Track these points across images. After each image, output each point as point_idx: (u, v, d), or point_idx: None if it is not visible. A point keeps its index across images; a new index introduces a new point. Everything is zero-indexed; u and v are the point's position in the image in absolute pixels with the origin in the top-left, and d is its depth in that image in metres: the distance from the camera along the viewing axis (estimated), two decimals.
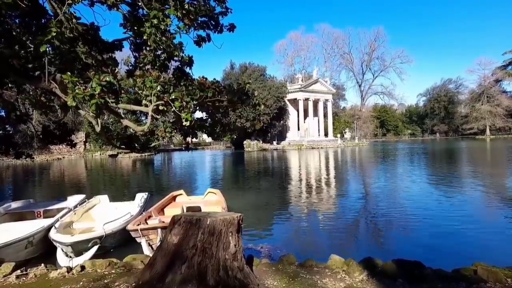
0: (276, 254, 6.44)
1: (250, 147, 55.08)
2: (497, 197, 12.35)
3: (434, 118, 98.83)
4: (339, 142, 63.14)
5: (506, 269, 4.27)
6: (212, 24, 7.06)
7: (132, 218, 7.64)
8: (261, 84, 55.51)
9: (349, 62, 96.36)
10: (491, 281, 3.97)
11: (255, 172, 24.77)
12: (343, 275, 4.28)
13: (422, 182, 16.53)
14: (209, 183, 17.99)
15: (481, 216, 9.85)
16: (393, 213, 10.07)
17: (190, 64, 6.85)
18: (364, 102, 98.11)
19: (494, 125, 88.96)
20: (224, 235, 3.64)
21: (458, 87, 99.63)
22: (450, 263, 4.95)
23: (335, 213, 10.53)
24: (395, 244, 7.59)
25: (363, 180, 19.00)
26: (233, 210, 7.50)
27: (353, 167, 27.12)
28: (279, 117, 60.67)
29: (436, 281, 3.99)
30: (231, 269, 3.51)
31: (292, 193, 14.46)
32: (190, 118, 5.65)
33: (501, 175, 18.54)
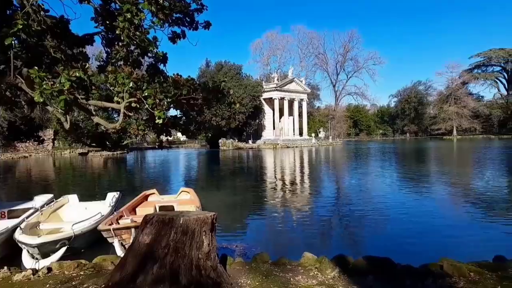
0: (251, 252, 6.45)
1: (226, 145, 54.86)
2: (463, 195, 12.89)
3: (404, 118, 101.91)
4: (313, 141, 63.95)
5: (469, 264, 4.46)
6: (187, 20, 6.96)
7: (103, 218, 7.43)
8: (237, 83, 55.37)
9: (324, 62, 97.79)
10: (455, 275, 4.13)
11: (230, 171, 24.71)
12: (315, 272, 4.33)
13: (393, 181, 17.01)
14: (183, 182, 17.80)
15: (448, 213, 10.25)
16: (365, 211, 10.31)
17: (164, 61, 6.73)
18: (338, 102, 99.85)
19: (460, 126, 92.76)
20: (198, 234, 3.60)
21: (427, 89, 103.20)
22: (419, 259, 5.10)
23: (309, 211, 10.67)
24: (367, 241, 7.78)
25: (336, 179, 19.35)
26: (207, 209, 7.45)
27: (326, 166, 27.55)
28: (254, 116, 60.76)
29: (405, 277, 4.12)
30: (204, 269, 3.48)
31: (267, 192, 14.53)
32: (164, 116, 5.56)
33: (467, 174, 19.36)
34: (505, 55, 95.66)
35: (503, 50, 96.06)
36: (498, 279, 4.11)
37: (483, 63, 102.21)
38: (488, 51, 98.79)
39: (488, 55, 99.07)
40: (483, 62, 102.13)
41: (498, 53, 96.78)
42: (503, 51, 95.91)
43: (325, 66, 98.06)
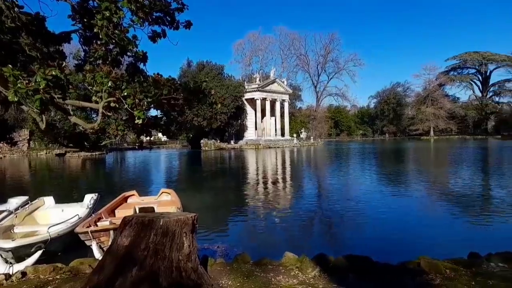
0: (232, 253, 6.43)
1: (207, 146, 54.55)
2: (439, 194, 13.25)
3: (384, 119, 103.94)
4: (295, 141, 64.39)
5: (445, 261, 4.58)
6: (168, 20, 6.88)
7: (80, 220, 7.26)
8: (219, 83, 55.16)
9: (305, 63, 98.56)
10: (432, 272, 4.24)
11: (212, 171, 24.60)
12: (296, 271, 4.36)
13: (372, 181, 17.31)
14: (164, 183, 17.59)
15: (426, 211, 10.50)
16: (346, 210, 10.45)
17: (144, 60, 6.62)
18: (319, 103, 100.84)
19: (437, 127, 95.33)
20: (178, 235, 3.56)
21: (405, 90, 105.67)
22: (397, 256, 5.21)
23: (290, 211, 10.73)
24: (347, 240, 7.89)
25: (318, 179, 19.54)
26: (188, 210, 7.39)
27: (308, 166, 27.79)
28: (236, 117, 60.66)
29: (383, 275, 4.19)
30: (184, 270, 3.44)
31: (249, 192, 14.53)
32: (143, 116, 5.47)
33: (443, 174, 19.90)
34: (479, 58, 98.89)
35: (477, 53, 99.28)
36: (472, 275, 4.24)
37: (459, 65, 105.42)
38: (463, 54, 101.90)
39: (464, 58, 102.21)
40: (458, 65, 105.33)
41: (473, 56, 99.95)
42: (478, 54, 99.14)
43: (306, 67, 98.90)
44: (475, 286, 3.93)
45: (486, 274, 4.28)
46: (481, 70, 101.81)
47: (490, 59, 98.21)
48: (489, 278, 4.13)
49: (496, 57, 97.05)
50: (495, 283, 4.00)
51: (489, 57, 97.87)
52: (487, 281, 4.05)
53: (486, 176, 18.27)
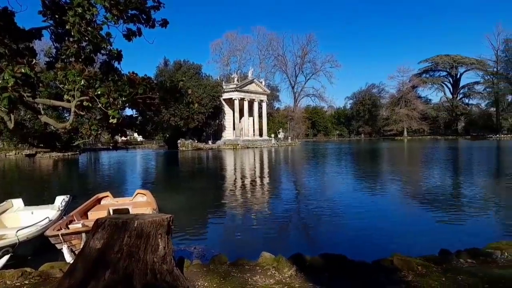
0: (209, 254, 6.38)
1: (185, 146, 54.01)
2: (412, 192, 13.63)
3: (359, 120, 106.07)
4: (273, 142, 64.71)
5: (417, 258, 4.71)
6: (144, 18, 6.75)
7: (51, 223, 7.02)
8: (196, 83, 54.70)
9: (283, 64, 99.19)
10: (405, 270, 4.35)
11: (190, 172, 24.37)
12: (273, 271, 4.37)
13: (348, 180, 17.61)
14: (139, 184, 17.28)
15: (399, 210, 10.78)
16: (323, 209, 10.57)
17: (119, 58, 6.47)
18: (297, 104, 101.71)
19: (410, 127, 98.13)
20: (153, 237, 3.50)
21: (380, 91, 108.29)
22: (372, 254, 5.31)
23: (268, 211, 10.76)
24: (324, 239, 7.98)
25: (295, 179, 19.70)
26: (165, 212, 7.28)
27: (286, 166, 27.97)
28: (214, 117, 60.36)
29: (358, 272, 4.27)
30: (159, 273, 3.39)
31: (226, 193, 14.47)
32: (118, 115, 5.36)
33: (416, 173, 20.49)
34: (450, 61, 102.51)
35: (448, 56, 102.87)
36: (443, 272, 4.38)
37: (431, 68, 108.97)
38: (435, 57, 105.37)
39: (435, 61, 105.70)
40: (430, 67, 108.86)
41: (444, 59, 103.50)
42: (449, 57, 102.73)
43: (284, 68, 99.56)
44: (445, 282, 4.05)
45: (456, 270, 4.43)
46: (452, 72, 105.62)
47: (460, 62, 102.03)
48: (458, 274, 4.28)
49: (465, 61, 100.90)
50: (464, 278, 4.15)
51: (459, 60, 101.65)
52: (456, 277, 4.19)
53: (456, 175, 18.96)
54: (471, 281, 4.06)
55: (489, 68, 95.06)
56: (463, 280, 4.09)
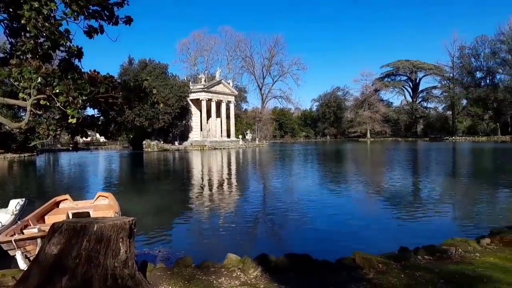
0: (174, 257, 6.26)
1: (150, 147, 52.80)
2: (374, 192, 14.09)
3: (325, 122, 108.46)
4: (240, 143, 64.72)
5: (378, 256, 4.88)
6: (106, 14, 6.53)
7: (3, 228, 6.61)
8: (163, 83, 53.66)
9: (250, 65, 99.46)
10: (366, 267, 4.48)
11: (155, 173, 23.85)
12: (238, 273, 4.36)
13: (314, 181, 17.94)
14: (101, 187, 16.70)
15: (362, 209, 11.10)
16: (289, 210, 10.69)
17: (79, 56, 6.21)
18: (265, 105, 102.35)
19: (373, 129, 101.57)
20: (114, 241, 3.39)
21: (345, 94, 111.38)
22: (336, 254, 5.43)
23: (235, 213, 10.73)
24: (290, 239, 8.06)
25: (262, 180, 19.79)
26: (129, 215, 7.06)
27: (253, 167, 28.05)
28: (181, 117, 59.47)
29: (322, 272, 4.35)
30: (120, 277, 3.28)
31: (193, 195, 14.29)
32: (77, 115, 5.15)
33: (378, 173, 21.22)
34: (410, 66, 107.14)
35: (408, 62, 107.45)
36: (402, 268, 4.55)
37: (392, 72, 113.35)
38: (396, 62, 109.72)
39: (397, 66, 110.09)
40: (392, 72, 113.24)
41: (404, 64, 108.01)
42: (409, 62, 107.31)
43: (252, 69, 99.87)
44: (404, 279, 4.22)
45: (414, 267, 4.62)
46: (412, 77, 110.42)
47: (420, 68, 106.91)
48: (416, 270, 4.47)
49: (424, 66, 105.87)
50: (421, 274, 4.34)
51: (418, 66, 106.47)
52: (414, 273, 4.37)
53: (415, 175, 19.81)
54: (428, 277, 4.25)
55: (446, 73, 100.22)
56: (421, 276, 4.27)
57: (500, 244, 5.63)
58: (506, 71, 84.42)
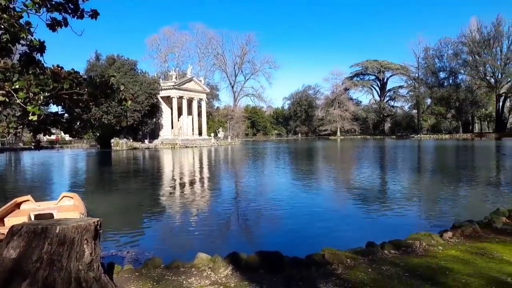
0: (143, 258, 6.12)
1: (119, 145, 51.46)
2: (344, 189, 14.41)
3: (297, 120, 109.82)
4: (212, 141, 64.33)
5: (346, 252, 4.98)
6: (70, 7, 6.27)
7: None
8: (132, 79, 52.39)
9: (222, 63, 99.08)
10: (335, 263, 4.57)
11: (124, 172, 23.25)
12: (209, 272, 4.32)
13: (285, 178, 18.10)
14: (66, 187, 16.10)
15: (332, 206, 11.30)
16: (260, 208, 10.72)
17: (41, 50, 5.92)
18: (237, 103, 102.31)
19: (343, 127, 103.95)
20: (78, 243, 3.27)
21: (316, 93, 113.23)
22: (307, 250, 5.49)
23: (207, 211, 10.65)
24: (261, 237, 8.09)
25: (234, 178, 19.76)
26: (96, 215, 6.84)
27: (225, 165, 27.95)
28: (151, 115, 58.32)
29: (292, 268, 4.39)
30: (85, 281, 3.17)
31: (163, 194, 14.05)
32: (39, 111, 4.91)
33: (347, 170, 21.72)
34: (378, 66, 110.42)
35: (376, 62, 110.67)
36: (369, 263, 4.67)
37: (361, 72, 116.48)
38: (365, 62, 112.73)
39: (365, 65, 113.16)
40: (361, 71, 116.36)
41: (372, 64, 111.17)
42: (377, 62, 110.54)
43: (223, 67, 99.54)
44: (371, 273, 4.33)
45: (381, 261, 4.76)
46: (380, 77, 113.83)
47: (387, 67, 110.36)
48: (383, 265, 4.60)
49: (391, 66, 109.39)
50: (387, 268, 4.47)
51: (386, 66, 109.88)
52: (381, 267, 4.50)
53: (383, 172, 20.43)
54: (393, 270, 4.39)
55: (412, 73, 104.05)
56: (387, 270, 4.40)
57: (461, 237, 5.90)
58: (467, 71, 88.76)
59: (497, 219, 6.76)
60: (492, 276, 4.13)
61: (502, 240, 5.61)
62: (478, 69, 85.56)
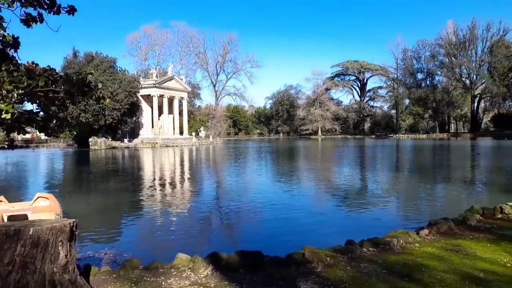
0: (121, 259, 6.02)
1: (97, 145, 50.39)
2: (325, 188, 14.57)
3: (278, 119, 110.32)
4: (194, 140, 63.84)
5: (326, 250, 5.03)
6: (46, 2, 6.08)
7: None
8: (111, 77, 51.38)
9: (204, 62, 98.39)
10: (315, 261, 4.61)
11: (103, 172, 22.78)
12: (188, 272, 4.29)
13: (267, 177, 18.16)
14: (42, 187, 15.66)
15: (314, 205, 11.41)
16: (242, 207, 10.71)
17: (15, 46, 5.72)
18: (218, 102, 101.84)
19: (324, 127, 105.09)
20: (52, 245, 3.17)
21: (297, 93, 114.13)
22: (287, 249, 5.51)
23: (188, 211, 10.56)
24: (242, 236, 8.07)
25: (216, 178, 19.67)
26: (73, 216, 6.64)
27: (206, 165, 27.79)
28: (131, 113, 57.35)
29: (272, 268, 4.40)
30: (60, 283, 3.08)
31: (143, 194, 13.84)
32: (12, 110, 4.74)
33: (329, 169, 21.96)
34: (358, 66, 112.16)
35: (357, 62, 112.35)
36: (348, 261, 4.74)
37: (342, 72, 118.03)
38: (345, 62, 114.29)
39: (346, 66, 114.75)
40: (341, 72, 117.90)
41: (353, 64, 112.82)
42: (357, 63, 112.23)
43: (205, 66, 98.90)
44: (350, 270, 4.39)
45: (359, 259, 4.83)
46: (360, 77, 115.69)
47: (367, 68, 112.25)
48: (362, 262, 4.68)
49: (371, 67, 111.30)
50: (366, 266, 4.55)
51: (366, 66, 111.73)
52: (360, 265, 4.57)
53: (363, 171, 20.76)
54: (372, 268, 4.46)
55: (391, 74, 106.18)
56: (366, 268, 4.48)
57: (437, 235, 6.05)
58: (444, 73, 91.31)
59: (471, 217, 6.97)
60: (466, 272, 4.26)
61: (476, 237, 5.79)
62: (454, 70, 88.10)
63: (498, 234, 5.93)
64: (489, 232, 6.11)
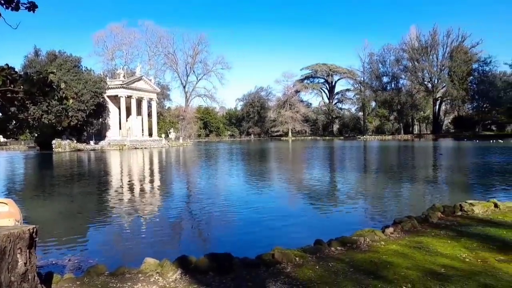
0: (86, 265, 5.80)
1: (61, 147, 48.40)
2: (295, 189, 14.74)
3: (249, 121, 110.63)
4: (163, 142, 62.81)
5: (295, 250, 5.09)
6: None
7: None
8: (75, 77, 49.55)
9: (173, 62, 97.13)
10: (284, 262, 4.65)
11: (67, 175, 21.90)
12: (157, 277, 4.20)
13: (238, 179, 18.13)
14: (0, 192, 14.85)
15: (284, 206, 11.49)
16: (213, 210, 10.63)
17: None
18: (189, 104, 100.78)
19: (294, 129, 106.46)
20: (10, 253, 3.01)
21: (268, 94, 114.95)
22: (258, 250, 5.52)
23: (157, 215, 10.34)
24: (213, 239, 8.00)
25: (187, 180, 19.43)
26: (34, 222, 6.36)
27: (177, 167, 27.40)
28: (97, 115, 55.56)
29: (242, 269, 4.39)
30: None
31: (110, 198, 13.43)
32: None
33: (299, 170, 22.25)
34: (326, 69, 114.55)
35: (325, 65, 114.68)
36: (317, 260, 4.81)
37: (311, 75, 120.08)
38: (314, 65, 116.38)
39: (315, 69, 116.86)
40: (311, 74, 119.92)
41: (322, 67, 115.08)
42: (326, 66, 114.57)
43: (175, 66, 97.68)
44: (319, 270, 4.46)
45: (328, 258, 4.92)
46: (328, 80, 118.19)
47: (335, 71, 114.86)
48: (330, 261, 4.76)
49: (339, 70, 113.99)
50: (334, 265, 4.64)
51: (334, 69, 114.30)
52: (328, 264, 4.66)
53: (331, 171, 21.20)
54: (339, 266, 4.56)
55: (358, 77, 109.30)
56: (334, 267, 4.56)
57: (401, 233, 6.27)
58: (408, 77, 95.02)
59: (433, 215, 7.28)
60: (427, 268, 4.43)
61: (437, 234, 6.05)
62: (417, 74, 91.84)
63: (458, 230, 6.23)
64: (449, 229, 6.40)
